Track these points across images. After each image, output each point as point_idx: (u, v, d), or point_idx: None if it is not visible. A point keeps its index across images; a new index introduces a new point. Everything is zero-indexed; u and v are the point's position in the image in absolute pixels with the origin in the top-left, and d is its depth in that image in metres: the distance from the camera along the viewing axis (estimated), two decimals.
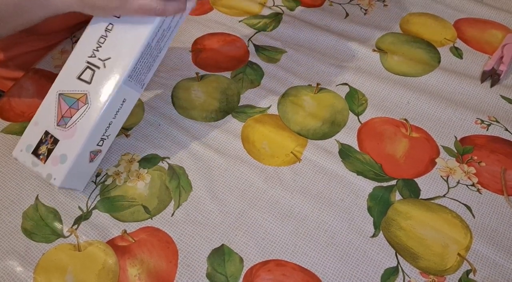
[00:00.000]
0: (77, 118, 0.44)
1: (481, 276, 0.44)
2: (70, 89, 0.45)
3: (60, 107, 0.45)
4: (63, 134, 0.44)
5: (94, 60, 0.45)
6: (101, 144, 0.47)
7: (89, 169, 0.48)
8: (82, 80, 0.45)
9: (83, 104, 0.44)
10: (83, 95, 0.44)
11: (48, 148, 0.45)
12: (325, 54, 0.63)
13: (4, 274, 0.43)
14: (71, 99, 0.45)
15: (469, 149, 0.53)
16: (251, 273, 0.44)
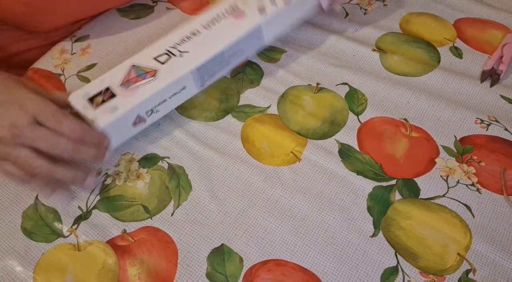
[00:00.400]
0: (140, 85, 0.48)
1: (481, 275, 0.44)
2: (143, 64, 0.49)
3: (129, 74, 0.48)
4: (122, 92, 0.47)
5: (173, 50, 0.50)
6: (149, 114, 0.49)
7: (129, 131, 0.49)
8: (157, 60, 0.49)
9: (151, 77, 0.48)
10: (153, 71, 0.49)
11: (103, 99, 0.47)
12: (325, 54, 0.63)
13: (4, 273, 0.43)
14: (141, 71, 0.49)
15: (469, 149, 0.53)
16: (251, 272, 0.44)
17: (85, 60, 0.60)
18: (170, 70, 0.49)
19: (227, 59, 0.52)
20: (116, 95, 0.47)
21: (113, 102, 0.47)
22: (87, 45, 0.62)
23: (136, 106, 0.47)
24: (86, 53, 0.61)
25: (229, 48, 0.51)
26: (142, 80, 0.48)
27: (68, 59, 0.60)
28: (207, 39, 0.51)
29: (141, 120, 0.49)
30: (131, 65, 0.49)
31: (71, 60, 0.60)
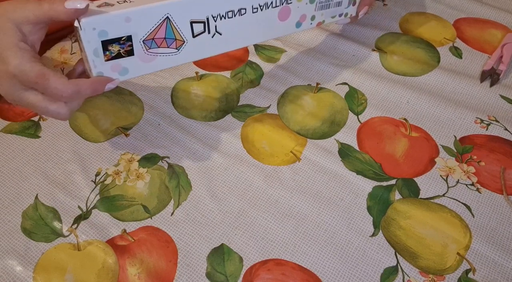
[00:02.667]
0: (161, 53, 0.44)
1: (481, 275, 0.44)
2: (178, 24, 0.44)
3: (159, 29, 0.43)
4: (141, 54, 0.43)
5: (212, 23, 0.46)
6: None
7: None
8: (192, 28, 0.45)
9: (174, 49, 0.45)
10: (181, 42, 0.45)
11: (120, 51, 0.42)
12: (324, 53, 0.63)
13: (4, 273, 0.43)
14: (172, 33, 0.44)
15: (469, 148, 0.53)
16: (251, 272, 0.44)
17: None
18: (194, 49, 0.46)
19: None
20: (134, 54, 0.42)
21: (127, 62, 0.43)
22: None
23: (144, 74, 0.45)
24: None
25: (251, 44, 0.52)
26: (166, 48, 0.44)
27: (68, 59, 0.60)
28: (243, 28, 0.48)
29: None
30: (166, 17, 0.42)
31: (71, 60, 0.60)
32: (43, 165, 0.51)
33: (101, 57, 0.41)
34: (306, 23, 0.53)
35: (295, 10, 0.51)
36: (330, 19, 0.56)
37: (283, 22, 0.51)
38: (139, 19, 0.41)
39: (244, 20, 0.47)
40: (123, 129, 0.54)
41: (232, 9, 0.46)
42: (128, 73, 0.44)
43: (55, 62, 0.60)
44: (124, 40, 0.41)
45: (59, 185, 0.49)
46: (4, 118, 0.55)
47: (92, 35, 0.40)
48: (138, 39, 0.42)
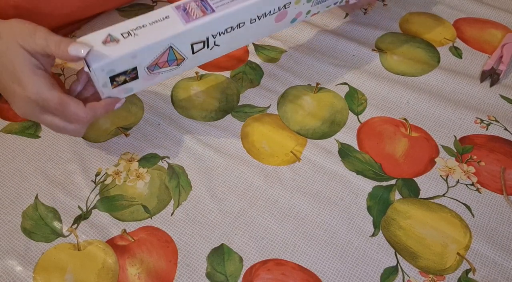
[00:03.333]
0: (163, 71, 0.47)
1: (481, 275, 0.44)
2: (180, 48, 0.45)
3: (162, 56, 0.45)
4: (145, 76, 0.46)
5: (211, 40, 0.47)
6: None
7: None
8: (192, 48, 0.46)
9: (175, 65, 0.47)
10: (182, 59, 0.47)
11: (126, 79, 0.45)
12: (324, 54, 0.63)
13: (4, 273, 0.43)
14: (174, 55, 0.46)
15: (469, 148, 0.53)
16: (251, 272, 0.44)
17: None
18: (193, 61, 0.48)
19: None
20: (138, 78, 0.45)
21: (132, 84, 0.46)
22: None
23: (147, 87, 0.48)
24: None
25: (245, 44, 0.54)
26: (168, 66, 0.46)
27: None
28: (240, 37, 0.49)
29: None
30: (169, 47, 0.44)
31: None
32: (43, 165, 0.51)
33: (109, 87, 0.44)
34: (301, 18, 0.54)
35: (292, 11, 0.52)
36: (325, 8, 0.56)
37: (279, 23, 0.52)
38: (144, 54, 0.43)
39: (242, 30, 0.49)
40: (123, 129, 0.54)
41: (231, 26, 0.47)
42: (132, 91, 0.47)
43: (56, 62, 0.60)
44: (130, 71, 0.44)
45: (59, 185, 0.49)
46: (4, 118, 0.55)
47: (101, 74, 0.42)
48: (143, 67, 0.45)
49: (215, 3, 0.46)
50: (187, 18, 0.44)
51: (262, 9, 0.48)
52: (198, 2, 0.46)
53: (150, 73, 0.46)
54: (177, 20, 0.44)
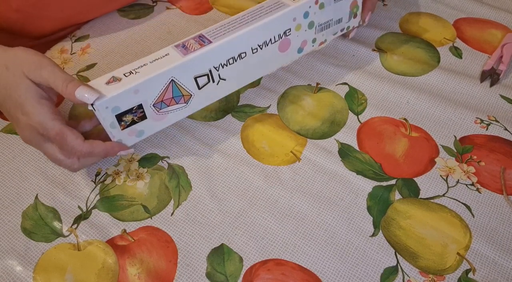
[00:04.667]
0: (172, 110, 0.47)
1: (481, 275, 0.44)
2: (183, 82, 0.46)
3: (166, 91, 0.45)
4: (153, 116, 0.46)
5: (215, 73, 0.48)
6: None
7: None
8: (196, 82, 0.47)
9: (184, 103, 0.47)
10: (189, 95, 0.47)
11: (133, 119, 0.45)
12: (324, 54, 0.63)
13: (4, 273, 0.43)
14: (178, 91, 0.46)
15: (469, 148, 0.53)
16: (251, 272, 0.44)
17: (85, 60, 0.60)
18: (202, 98, 0.49)
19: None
20: (146, 118, 0.46)
21: (141, 126, 0.46)
22: (86, 45, 0.62)
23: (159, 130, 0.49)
24: (86, 53, 0.61)
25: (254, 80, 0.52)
26: (176, 104, 0.47)
27: (68, 59, 0.60)
28: (245, 69, 0.50)
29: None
30: (171, 80, 0.45)
31: (70, 60, 0.60)
32: (43, 165, 0.51)
33: (118, 128, 0.45)
34: (307, 47, 0.54)
35: (294, 39, 0.52)
36: (332, 36, 0.56)
37: (285, 53, 0.52)
38: (146, 88, 0.44)
39: (245, 61, 0.49)
40: None
41: (232, 56, 0.48)
42: (144, 134, 0.48)
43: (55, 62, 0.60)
44: (136, 109, 0.45)
45: (59, 185, 0.49)
46: (4, 118, 0.55)
47: (106, 113, 0.43)
48: (149, 105, 0.45)
49: (212, 36, 0.47)
50: (186, 52, 0.45)
51: (260, 37, 0.49)
52: (196, 38, 0.47)
53: (158, 112, 0.46)
54: (176, 55, 0.45)
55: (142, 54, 0.61)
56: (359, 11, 0.57)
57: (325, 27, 0.54)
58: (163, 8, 0.67)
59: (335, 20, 0.55)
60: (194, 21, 0.66)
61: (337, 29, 0.56)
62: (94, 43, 0.62)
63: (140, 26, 0.65)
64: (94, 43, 0.62)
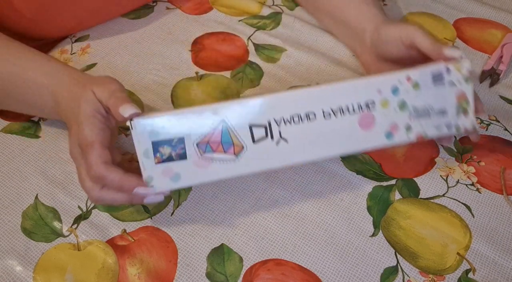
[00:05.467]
0: (217, 158, 0.41)
1: (481, 275, 0.44)
2: (235, 127, 0.41)
3: (214, 133, 0.40)
4: (195, 158, 0.40)
5: (274, 128, 0.41)
6: None
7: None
8: (251, 132, 0.41)
9: (233, 154, 0.41)
10: (240, 147, 0.41)
11: (172, 154, 0.40)
12: (325, 54, 0.63)
13: (4, 273, 0.43)
14: (229, 138, 0.41)
15: (469, 149, 0.53)
16: (251, 272, 0.44)
17: (85, 60, 0.60)
18: (256, 157, 0.41)
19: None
20: (186, 158, 0.40)
21: (180, 166, 0.40)
22: (86, 45, 0.62)
23: (199, 183, 0.42)
24: (86, 53, 0.61)
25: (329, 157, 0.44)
26: (222, 153, 0.41)
27: (68, 59, 0.60)
28: (317, 137, 0.42)
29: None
30: (222, 121, 0.40)
31: (71, 60, 0.60)
32: (43, 165, 0.51)
33: (152, 158, 0.40)
34: (400, 135, 0.44)
35: (381, 117, 0.43)
36: (435, 130, 0.44)
37: (367, 132, 0.43)
38: (193, 121, 0.40)
39: (315, 126, 0.42)
40: (123, 129, 0.54)
41: (297, 112, 0.41)
42: (180, 180, 0.41)
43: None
44: (176, 142, 0.40)
45: (59, 185, 0.49)
46: (4, 118, 0.55)
47: (143, 135, 0.40)
48: (191, 142, 0.40)
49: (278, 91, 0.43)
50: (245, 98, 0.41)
51: (335, 100, 0.42)
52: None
53: (201, 155, 0.40)
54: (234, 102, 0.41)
55: (142, 54, 0.61)
56: (471, 108, 0.45)
57: (422, 114, 0.44)
58: (163, 8, 0.67)
59: (437, 110, 0.44)
60: (195, 21, 0.66)
61: (441, 123, 0.44)
62: (94, 43, 0.62)
63: (140, 26, 0.65)
64: (94, 43, 0.62)
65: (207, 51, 0.62)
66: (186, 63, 0.61)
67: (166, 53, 0.62)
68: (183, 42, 0.63)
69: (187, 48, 0.62)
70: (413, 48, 0.48)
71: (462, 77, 0.44)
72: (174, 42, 0.63)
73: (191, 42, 0.63)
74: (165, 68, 0.60)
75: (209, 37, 0.64)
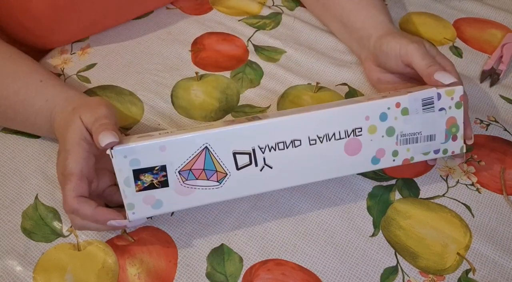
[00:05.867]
0: (200, 186, 0.40)
1: (481, 275, 0.44)
2: (218, 154, 0.40)
3: (197, 160, 0.40)
4: (177, 186, 0.40)
5: (258, 155, 0.41)
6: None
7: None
8: (235, 158, 0.40)
9: (216, 181, 0.41)
10: (223, 174, 0.41)
11: (153, 181, 0.40)
12: (324, 53, 0.63)
13: (4, 273, 0.43)
14: (212, 164, 0.40)
15: (469, 148, 0.53)
16: (251, 272, 0.44)
17: (85, 60, 0.60)
18: (239, 183, 0.41)
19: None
20: (168, 186, 0.40)
21: (161, 194, 0.40)
22: (86, 45, 0.62)
23: (181, 209, 0.42)
24: (86, 53, 0.61)
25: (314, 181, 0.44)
26: (205, 180, 0.40)
27: (68, 59, 0.60)
28: (302, 163, 0.42)
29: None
30: (205, 147, 0.40)
31: (71, 60, 0.60)
32: (43, 165, 0.51)
33: (132, 187, 0.40)
34: (386, 160, 0.44)
35: (367, 143, 0.43)
36: (422, 156, 0.45)
37: (353, 157, 0.43)
38: (175, 148, 0.39)
39: (300, 153, 0.42)
40: (123, 129, 0.54)
41: (283, 140, 0.41)
42: (162, 207, 0.40)
43: (56, 62, 0.60)
44: (158, 170, 0.39)
45: (59, 185, 0.49)
46: None
47: (123, 164, 0.39)
48: (173, 169, 0.40)
49: (266, 116, 0.42)
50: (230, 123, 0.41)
51: (321, 127, 0.42)
52: (250, 117, 0.43)
53: (183, 182, 0.40)
54: (219, 125, 0.41)
55: (142, 55, 0.61)
56: (460, 133, 0.45)
57: (410, 140, 0.44)
58: (163, 8, 0.67)
59: (426, 136, 0.44)
60: (195, 21, 0.66)
61: (429, 149, 0.45)
62: (94, 43, 0.62)
63: (140, 26, 0.65)
64: (94, 43, 0.62)
65: (207, 51, 0.62)
66: (186, 63, 0.61)
67: (166, 53, 0.62)
68: (183, 42, 0.63)
69: (187, 48, 0.62)
70: (411, 66, 0.48)
71: (453, 103, 0.44)
72: (174, 42, 0.63)
73: (191, 42, 0.63)
74: (165, 68, 0.60)
75: (209, 37, 0.64)
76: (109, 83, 0.58)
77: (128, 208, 0.40)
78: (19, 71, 0.49)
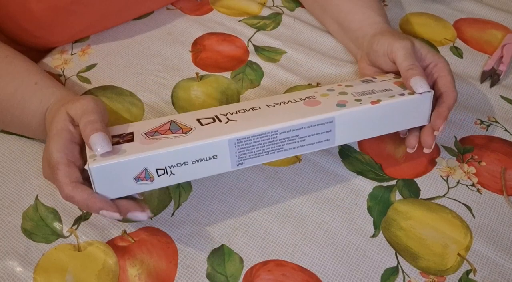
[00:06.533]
0: (166, 137, 0.42)
1: (481, 276, 0.44)
2: (183, 121, 0.44)
3: (163, 126, 0.43)
4: (141, 140, 0.42)
5: (222, 117, 0.44)
6: (160, 173, 0.41)
7: (128, 185, 0.41)
8: (199, 121, 0.44)
9: (182, 133, 0.42)
10: (188, 128, 0.43)
11: (119, 141, 0.42)
12: (324, 54, 0.63)
13: (4, 274, 0.43)
14: (176, 126, 0.43)
15: (470, 149, 0.53)
16: (251, 273, 0.44)
17: (85, 60, 0.60)
18: (206, 132, 0.42)
19: (280, 143, 0.43)
20: (133, 141, 0.42)
21: (126, 146, 0.41)
22: (87, 45, 0.62)
23: (147, 158, 0.40)
24: (86, 53, 0.61)
25: (285, 129, 0.43)
26: (171, 133, 0.42)
27: (68, 60, 0.60)
28: (264, 115, 0.44)
29: (147, 177, 0.41)
30: (170, 120, 0.44)
31: (71, 61, 0.60)
32: None
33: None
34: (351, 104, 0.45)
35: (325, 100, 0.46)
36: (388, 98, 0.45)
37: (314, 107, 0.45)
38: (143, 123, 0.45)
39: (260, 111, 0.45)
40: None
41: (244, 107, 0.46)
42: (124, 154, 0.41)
43: (56, 63, 0.60)
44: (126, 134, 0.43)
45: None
46: None
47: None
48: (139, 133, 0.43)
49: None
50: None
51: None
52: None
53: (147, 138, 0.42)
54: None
55: (142, 55, 0.61)
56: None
57: (367, 93, 0.47)
58: (164, 8, 0.67)
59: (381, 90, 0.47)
60: (195, 22, 0.66)
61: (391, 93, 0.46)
62: (94, 44, 0.62)
63: (140, 27, 0.65)
64: (94, 44, 0.62)
65: (207, 51, 0.62)
66: (186, 64, 0.61)
67: (167, 54, 0.62)
68: (183, 43, 0.63)
69: (187, 49, 0.62)
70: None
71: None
72: (174, 43, 0.63)
73: (191, 42, 0.63)
74: (165, 69, 0.60)
75: (210, 38, 0.64)
76: (110, 83, 0.58)
77: (90, 157, 0.40)
78: (14, 72, 0.49)
